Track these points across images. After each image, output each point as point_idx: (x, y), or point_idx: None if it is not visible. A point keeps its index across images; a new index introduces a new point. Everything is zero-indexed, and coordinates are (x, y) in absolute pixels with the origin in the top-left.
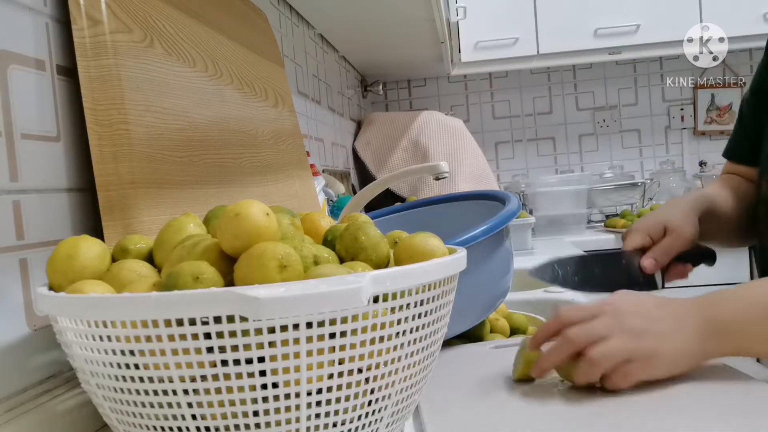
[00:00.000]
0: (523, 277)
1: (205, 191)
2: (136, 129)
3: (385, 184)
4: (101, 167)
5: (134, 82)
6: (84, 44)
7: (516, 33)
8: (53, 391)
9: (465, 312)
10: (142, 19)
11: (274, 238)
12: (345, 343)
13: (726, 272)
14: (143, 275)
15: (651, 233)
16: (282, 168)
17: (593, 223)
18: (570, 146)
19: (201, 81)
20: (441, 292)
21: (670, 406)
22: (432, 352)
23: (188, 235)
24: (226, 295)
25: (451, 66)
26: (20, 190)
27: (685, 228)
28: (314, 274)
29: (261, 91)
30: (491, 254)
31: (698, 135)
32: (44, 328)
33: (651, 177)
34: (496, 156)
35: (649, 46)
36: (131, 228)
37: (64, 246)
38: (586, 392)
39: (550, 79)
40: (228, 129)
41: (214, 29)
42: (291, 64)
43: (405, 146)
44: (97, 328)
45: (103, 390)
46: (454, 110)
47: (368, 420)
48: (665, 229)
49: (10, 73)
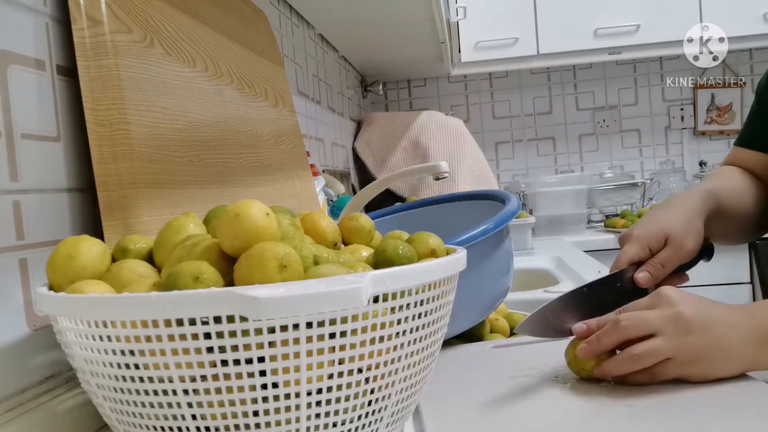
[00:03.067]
0: (523, 277)
1: (205, 191)
2: (136, 129)
3: (385, 184)
4: (101, 167)
5: (134, 82)
6: (84, 44)
7: (516, 33)
8: (53, 391)
9: (465, 312)
10: (142, 19)
11: (274, 238)
12: (345, 343)
13: (726, 272)
14: (143, 275)
15: (650, 244)
16: (282, 168)
17: (593, 223)
18: (570, 146)
19: (201, 81)
20: (441, 292)
21: (669, 406)
22: (432, 352)
23: (188, 235)
24: (226, 295)
25: (451, 66)
26: (20, 190)
27: (687, 240)
28: (314, 274)
29: (261, 91)
30: (491, 254)
31: (698, 135)
32: (44, 328)
33: (651, 177)
34: (496, 156)
35: (649, 46)
36: (131, 228)
37: (64, 246)
38: (588, 390)
39: (550, 79)
40: (228, 129)
41: (214, 29)
42: (291, 64)
43: (405, 146)
44: (97, 328)
45: (103, 390)
46: (454, 110)
47: (368, 420)
48: (666, 240)
49: (10, 73)
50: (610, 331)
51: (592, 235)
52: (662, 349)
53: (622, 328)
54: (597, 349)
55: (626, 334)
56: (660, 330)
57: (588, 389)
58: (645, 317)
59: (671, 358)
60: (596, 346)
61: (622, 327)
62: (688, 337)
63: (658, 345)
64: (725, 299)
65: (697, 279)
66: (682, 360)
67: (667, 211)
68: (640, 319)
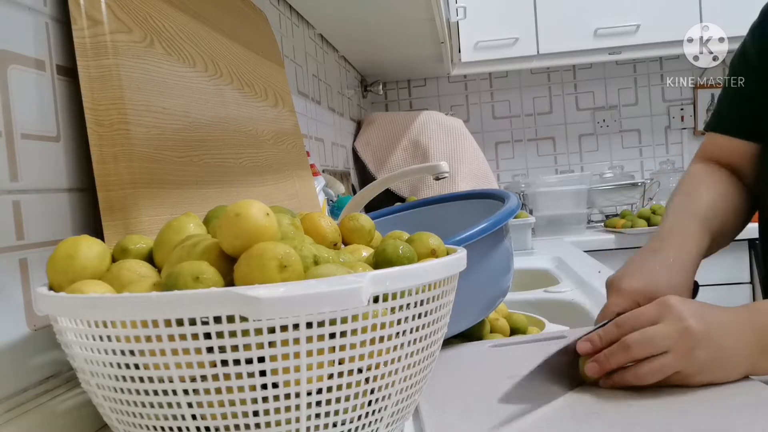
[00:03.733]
0: (523, 277)
1: (205, 191)
2: (136, 129)
3: (385, 184)
4: (101, 167)
5: (134, 82)
6: (84, 44)
7: (516, 33)
8: (53, 391)
9: (465, 311)
10: (142, 19)
11: (274, 238)
12: (345, 343)
13: (726, 272)
14: (143, 275)
15: (639, 301)
16: (282, 168)
17: (593, 223)
18: (570, 146)
19: (201, 81)
20: (441, 292)
21: (669, 406)
22: (432, 352)
23: (188, 235)
24: (226, 295)
25: (451, 66)
26: (20, 190)
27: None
28: (314, 274)
29: (261, 91)
30: (491, 253)
31: (698, 135)
32: (44, 328)
33: (651, 177)
34: (496, 156)
35: (649, 46)
36: (131, 228)
37: (64, 246)
38: (588, 390)
39: (550, 79)
40: (228, 129)
41: (214, 29)
42: (291, 64)
43: (405, 146)
44: (97, 328)
45: (103, 390)
46: (454, 110)
47: (368, 420)
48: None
49: (10, 73)
50: (618, 353)
51: (592, 235)
52: (670, 366)
53: (631, 349)
54: (606, 369)
55: (635, 355)
56: (668, 348)
57: (588, 389)
58: (652, 337)
59: (678, 371)
60: (605, 365)
61: (631, 349)
62: (696, 352)
63: (665, 363)
64: (725, 299)
65: (697, 279)
66: (688, 372)
67: (660, 262)
68: (649, 339)
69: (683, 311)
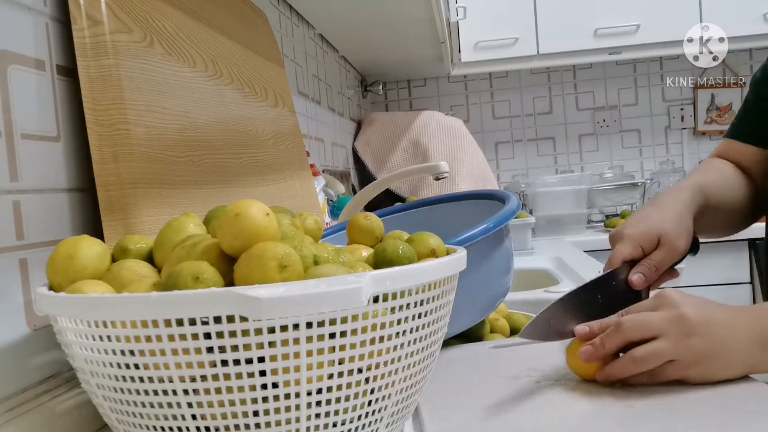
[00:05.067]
0: (523, 277)
1: (205, 191)
2: (136, 129)
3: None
4: (101, 167)
5: (134, 82)
6: (84, 44)
7: (516, 33)
8: (53, 391)
9: (465, 311)
10: (142, 19)
11: (274, 238)
12: (345, 343)
13: (726, 272)
14: (143, 275)
15: (643, 244)
16: (282, 168)
17: (593, 223)
18: (570, 146)
19: (201, 81)
20: (441, 292)
21: (670, 407)
22: (432, 352)
23: (188, 235)
24: (226, 295)
25: (451, 66)
26: (20, 190)
27: (679, 241)
28: (314, 274)
29: (261, 91)
30: (491, 253)
31: (698, 135)
32: (44, 328)
33: (651, 177)
34: (496, 156)
35: (649, 46)
36: (131, 228)
37: (64, 246)
38: (589, 390)
39: (550, 79)
40: (228, 129)
41: (214, 29)
42: (291, 64)
43: (405, 146)
44: (97, 328)
45: (103, 390)
46: (454, 110)
47: (368, 420)
48: (658, 240)
49: (10, 73)
50: (612, 334)
51: (592, 235)
52: (665, 351)
53: (624, 330)
54: (600, 353)
55: (629, 336)
56: (663, 332)
57: (588, 390)
58: (647, 319)
59: (674, 359)
60: (599, 350)
61: (624, 329)
62: (691, 339)
63: (661, 347)
64: (725, 299)
65: (697, 279)
66: (684, 362)
67: (657, 210)
68: (643, 322)
69: (680, 300)
